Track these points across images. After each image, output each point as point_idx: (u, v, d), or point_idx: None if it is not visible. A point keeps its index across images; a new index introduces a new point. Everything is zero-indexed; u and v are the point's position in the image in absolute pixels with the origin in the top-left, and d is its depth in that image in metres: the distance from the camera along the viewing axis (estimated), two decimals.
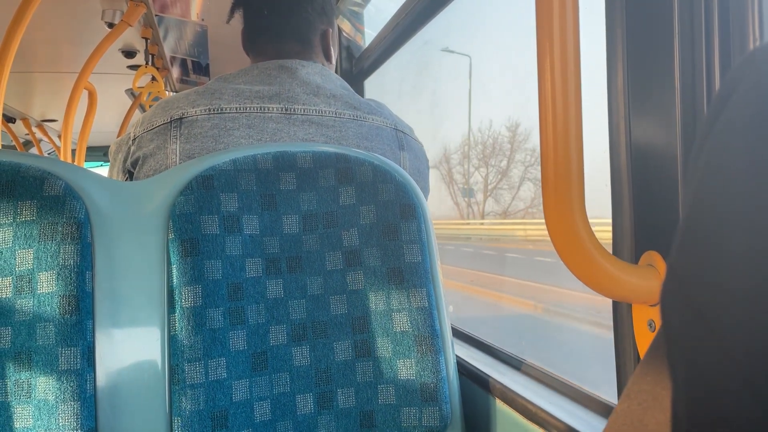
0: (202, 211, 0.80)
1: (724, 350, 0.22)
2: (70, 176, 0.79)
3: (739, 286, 0.22)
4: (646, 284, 0.60)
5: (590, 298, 4.19)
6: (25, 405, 0.72)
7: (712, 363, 0.22)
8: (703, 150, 0.25)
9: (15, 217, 0.75)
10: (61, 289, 0.74)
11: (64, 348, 0.73)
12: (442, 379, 0.82)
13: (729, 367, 0.22)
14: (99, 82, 2.92)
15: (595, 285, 0.59)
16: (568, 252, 0.58)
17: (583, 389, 0.80)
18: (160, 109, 1.01)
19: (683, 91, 0.58)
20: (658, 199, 0.61)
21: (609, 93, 0.67)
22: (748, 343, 0.21)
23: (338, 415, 0.83)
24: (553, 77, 0.55)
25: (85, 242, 0.76)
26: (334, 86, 1.05)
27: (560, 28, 0.55)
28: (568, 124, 0.56)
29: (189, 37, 2.65)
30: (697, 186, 0.25)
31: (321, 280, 0.86)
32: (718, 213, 0.23)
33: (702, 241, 0.24)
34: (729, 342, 0.22)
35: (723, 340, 0.22)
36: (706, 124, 0.26)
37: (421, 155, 1.10)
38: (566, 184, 0.56)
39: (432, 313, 0.84)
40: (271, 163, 0.85)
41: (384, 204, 0.86)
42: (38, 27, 2.29)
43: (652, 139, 0.62)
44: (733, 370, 0.22)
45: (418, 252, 0.85)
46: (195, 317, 0.77)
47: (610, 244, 0.67)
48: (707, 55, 0.56)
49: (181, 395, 0.75)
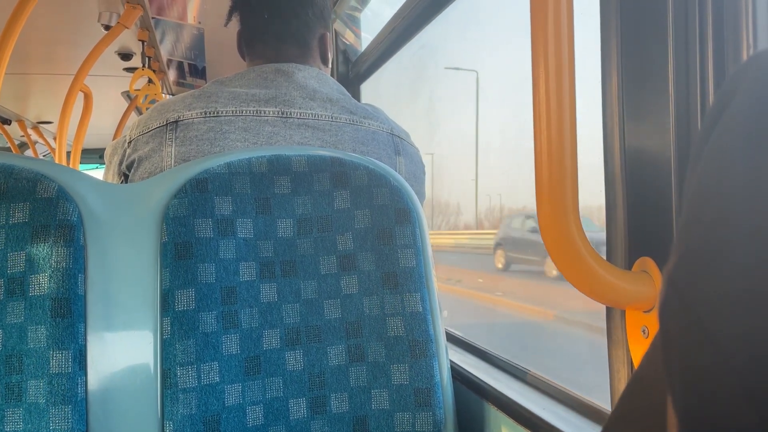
0: (196, 214, 0.80)
1: (722, 357, 0.22)
2: (64, 178, 0.78)
3: (737, 293, 0.22)
4: (640, 290, 0.59)
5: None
6: (16, 408, 0.71)
7: (709, 370, 0.22)
8: (700, 157, 0.25)
9: (7, 219, 0.75)
10: (53, 291, 0.73)
11: (55, 351, 0.72)
12: (435, 384, 0.82)
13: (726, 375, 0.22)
14: (95, 84, 2.91)
15: (588, 291, 0.59)
16: (562, 257, 0.58)
17: (576, 395, 0.80)
18: (156, 112, 1.00)
19: (677, 97, 0.58)
20: (652, 204, 0.61)
21: (603, 98, 0.67)
22: (746, 351, 0.21)
23: (331, 420, 0.82)
24: (548, 83, 0.55)
25: (77, 245, 0.76)
26: (331, 90, 1.05)
27: (555, 33, 0.55)
28: (562, 129, 0.56)
29: (186, 40, 2.65)
30: (694, 192, 0.25)
31: (315, 284, 0.85)
32: (716, 220, 0.23)
33: (699, 248, 0.24)
34: (726, 349, 0.22)
35: (720, 348, 0.22)
36: (704, 131, 0.26)
37: (417, 160, 1.10)
38: (560, 190, 0.56)
39: (426, 317, 0.84)
40: (265, 167, 0.85)
41: (379, 208, 0.86)
42: (34, 28, 2.29)
43: (646, 144, 0.62)
44: (731, 378, 0.21)
45: (413, 257, 0.85)
46: (188, 321, 0.77)
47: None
48: (701, 61, 0.56)
49: (173, 399, 0.75)
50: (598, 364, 0.85)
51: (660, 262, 0.60)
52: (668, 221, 0.59)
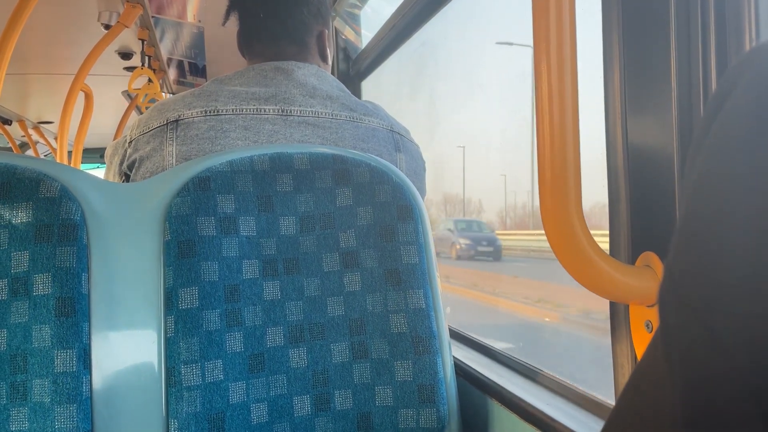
0: (198, 212, 0.80)
1: (722, 350, 0.22)
2: (66, 178, 0.78)
3: (736, 286, 0.22)
4: (643, 285, 0.60)
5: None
6: (21, 407, 0.71)
7: (710, 363, 0.22)
8: (700, 150, 0.25)
9: (11, 219, 0.75)
10: (57, 291, 0.73)
11: (60, 350, 0.72)
12: (439, 380, 0.82)
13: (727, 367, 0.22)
14: (95, 83, 2.91)
15: (592, 286, 0.59)
16: (566, 253, 0.58)
17: (579, 390, 0.80)
18: (156, 111, 1.01)
19: (680, 92, 0.58)
20: (655, 199, 0.61)
21: (606, 93, 0.67)
22: (746, 343, 0.21)
23: (335, 417, 0.82)
24: (550, 78, 0.55)
25: (81, 244, 0.76)
26: (330, 87, 1.05)
27: (557, 29, 0.55)
28: (564, 124, 0.56)
29: (186, 39, 2.65)
30: (694, 185, 0.25)
31: (318, 281, 0.86)
32: (716, 213, 0.23)
33: (699, 241, 0.24)
34: (726, 342, 0.22)
35: (720, 340, 0.22)
36: (703, 124, 0.26)
37: (417, 157, 1.10)
38: (563, 185, 0.56)
39: (429, 314, 0.84)
40: (267, 165, 0.85)
41: (381, 205, 0.86)
42: (34, 28, 2.29)
43: (649, 139, 0.62)
44: (731, 370, 0.21)
45: (415, 253, 0.85)
46: (191, 319, 0.77)
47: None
48: (704, 56, 0.56)
49: (178, 397, 0.75)
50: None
51: (663, 257, 0.60)
52: (671, 216, 0.59)
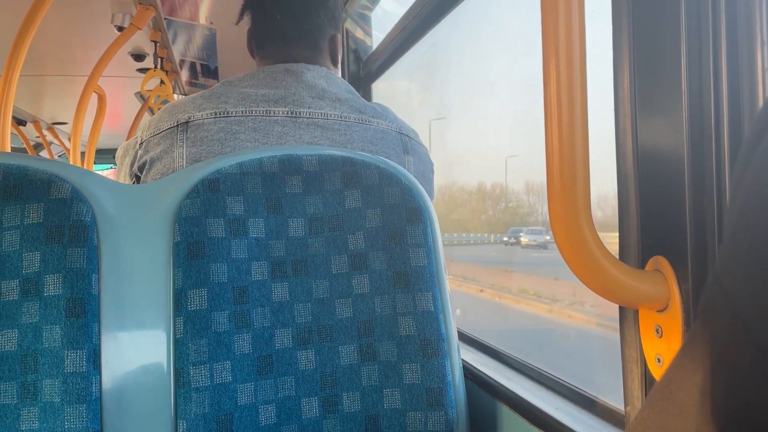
0: (207, 214, 0.80)
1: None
2: (77, 179, 0.79)
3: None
4: (653, 290, 0.59)
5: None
6: (31, 407, 0.72)
7: (758, 378, 0.22)
8: (749, 164, 0.25)
9: (22, 220, 0.76)
10: (68, 291, 0.74)
11: (70, 350, 0.73)
12: (447, 383, 0.82)
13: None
14: (109, 85, 2.94)
15: (601, 290, 0.59)
16: (575, 257, 0.58)
17: (590, 395, 0.80)
18: (166, 113, 1.01)
19: (690, 95, 0.57)
20: (666, 203, 0.61)
21: (615, 96, 0.66)
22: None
23: (343, 419, 0.82)
24: (559, 81, 0.55)
25: (91, 245, 0.76)
26: (339, 90, 1.05)
27: (566, 31, 0.55)
28: (573, 128, 0.55)
29: (198, 41, 2.66)
30: (744, 198, 0.24)
31: (326, 283, 0.86)
32: (765, 228, 0.23)
33: (751, 254, 0.23)
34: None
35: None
36: (753, 137, 0.25)
37: (425, 159, 1.10)
38: (572, 189, 0.56)
39: (438, 317, 0.84)
40: (277, 167, 0.85)
41: (390, 207, 0.86)
42: (48, 30, 2.31)
43: (659, 142, 0.61)
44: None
45: (424, 256, 0.85)
46: (200, 320, 0.77)
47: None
48: (714, 58, 0.56)
49: (187, 398, 0.75)
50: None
51: (673, 261, 0.59)
52: (682, 220, 0.59)
